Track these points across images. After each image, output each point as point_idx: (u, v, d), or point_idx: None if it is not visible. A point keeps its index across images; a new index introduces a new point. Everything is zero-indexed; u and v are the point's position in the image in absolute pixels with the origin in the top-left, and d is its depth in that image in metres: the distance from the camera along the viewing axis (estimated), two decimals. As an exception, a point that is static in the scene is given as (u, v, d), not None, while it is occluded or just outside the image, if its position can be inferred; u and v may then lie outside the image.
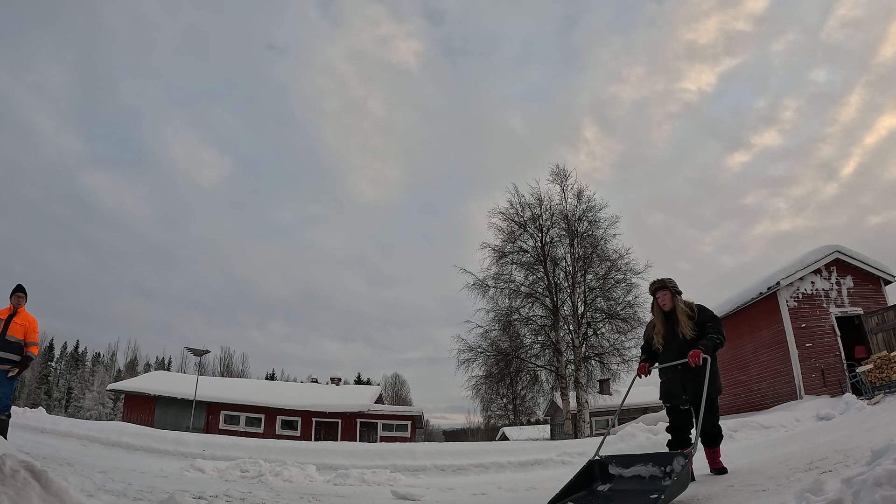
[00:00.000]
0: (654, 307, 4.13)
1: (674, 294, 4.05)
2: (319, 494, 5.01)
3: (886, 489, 1.96)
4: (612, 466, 3.57)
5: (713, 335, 3.77)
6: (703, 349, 3.68)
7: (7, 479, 2.04)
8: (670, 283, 4.11)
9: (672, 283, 4.14)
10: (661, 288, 4.09)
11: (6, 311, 5.76)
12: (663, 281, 4.12)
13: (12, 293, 5.89)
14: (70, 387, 50.71)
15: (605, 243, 19.90)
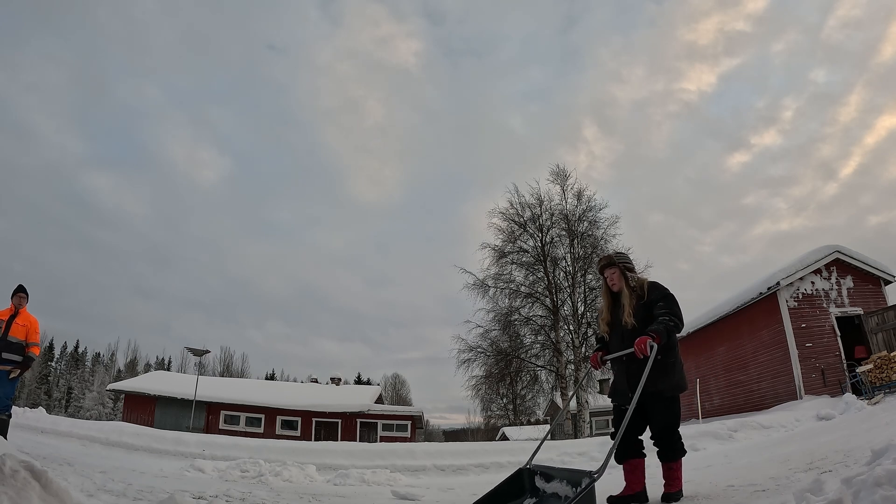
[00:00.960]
0: (603, 288, 3.53)
1: (623, 272, 3.39)
2: (319, 494, 5.01)
3: (886, 489, 1.96)
4: (537, 478, 3.15)
5: (665, 318, 3.03)
6: (652, 335, 2.96)
7: (7, 479, 2.04)
8: (620, 259, 3.47)
9: (623, 258, 3.51)
10: (609, 265, 3.45)
11: (7, 312, 5.74)
12: (610, 257, 3.50)
13: (14, 293, 5.87)
14: (70, 387, 50.71)
15: (606, 243, 19.89)
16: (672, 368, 3.13)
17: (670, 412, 3.15)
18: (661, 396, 3.09)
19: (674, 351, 3.16)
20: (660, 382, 3.06)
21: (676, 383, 3.16)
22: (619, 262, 3.43)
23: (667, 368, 3.08)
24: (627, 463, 3.26)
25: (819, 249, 12.47)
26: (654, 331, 2.97)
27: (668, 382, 3.10)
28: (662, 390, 3.08)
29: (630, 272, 3.42)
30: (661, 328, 2.99)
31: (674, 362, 3.15)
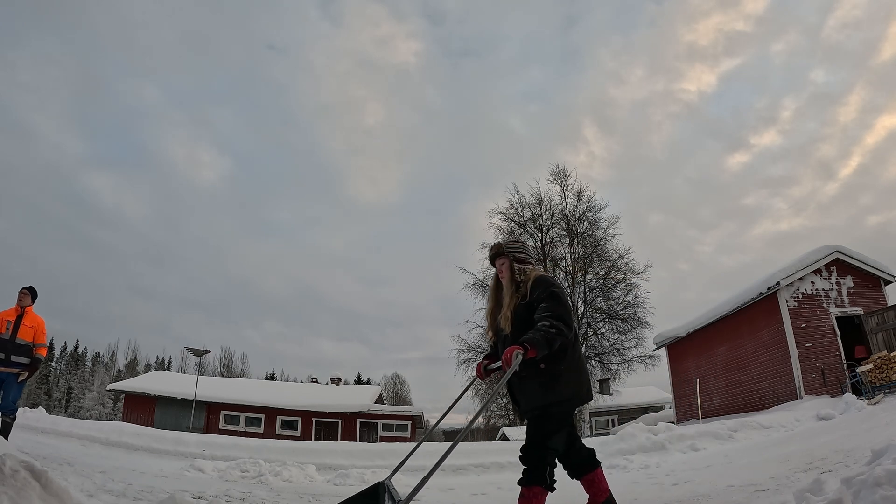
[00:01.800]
0: (492, 283, 3.03)
1: (513, 264, 2.86)
2: (319, 494, 5.01)
3: (886, 489, 1.97)
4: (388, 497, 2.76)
5: (545, 324, 2.49)
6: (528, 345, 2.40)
7: (7, 479, 2.04)
8: (511, 248, 2.92)
9: (516, 247, 2.96)
10: (499, 255, 2.91)
11: (13, 312, 5.64)
12: (500, 245, 2.95)
13: (20, 291, 5.77)
14: (70, 387, 50.72)
15: (605, 243, 19.90)
16: (559, 378, 2.58)
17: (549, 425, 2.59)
18: (549, 411, 2.57)
19: (564, 357, 2.61)
20: (548, 395, 2.56)
21: (566, 396, 2.59)
22: (509, 251, 2.90)
23: (554, 379, 2.57)
24: (584, 479, 2.85)
25: (819, 249, 12.47)
26: (528, 340, 2.42)
27: (556, 395, 2.56)
28: (550, 404, 2.56)
29: (520, 263, 2.88)
30: (536, 337, 2.43)
31: (563, 371, 2.60)
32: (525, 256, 2.91)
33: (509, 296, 2.77)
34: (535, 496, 2.51)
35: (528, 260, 2.91)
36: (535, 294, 2.66)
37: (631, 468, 6.48)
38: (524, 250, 2.95)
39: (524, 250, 2.95)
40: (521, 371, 2.52)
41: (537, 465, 2.53)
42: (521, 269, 2.84)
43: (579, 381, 2.67)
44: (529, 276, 2.79)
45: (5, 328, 5.48)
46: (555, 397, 2.56)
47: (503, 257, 2.89)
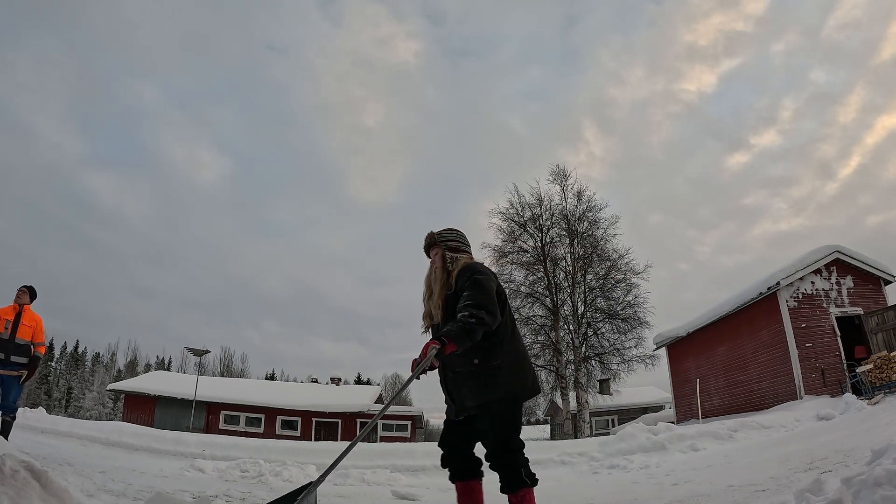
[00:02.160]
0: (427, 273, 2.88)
1: (446, 253, 2.74)
2: (319, 494, 5.00)
3: (886, 489, 1.97)
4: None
5: (465, 314, 2.35)
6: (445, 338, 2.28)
7: (7, 479, 2.04)
8: (444, 237, 2.79)
9: (448, 235, 2.81)
10: (432, 245, 2.79)
11: (11, 311, 5.58)
12: (432, 234, 2.82)
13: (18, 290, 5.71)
14: (70, 387, 50.71)
15: (605, 243, 19.92)
16: (496, 374, 2.45)
17: (499, 427, 2.46)
18: (489, 409, 2.44)
19: (500, 351, 2.49)
20: (486, 393, 2.44)
21: (506, 392, 2.46)
22: (442, 241, 2.77)
23: (490, 375, 2.45)
24: (461, 484, 2.64)
25: (819, 249, 12.47)
26: (446, 334, 2.30)
27: (494, 392, 2.44)
28: (488, 402, 2.43)
29: (453, 252, 2.74)
30: (454, 330, 2.30)
31: (500, 365, 2.47)
32: (458, 245, 2.79)
33: (440, 285, 2.65)
34: (523, 498, 2.43)
35: (461, 248, 2.79)
36: (461, 283, 2.54)
37: (631, 468, 6.48)
38: (457, 238, 2.82)
39: (457, 238, 2.82)
40: (455, 366, 2.48)
41: (513, 469, 2.44)
42: (452, 258, 2.72)
43: (519, 376, 2.53)
44: (459, 264, 2.67)
45: (4, 327, 5.44)
46: (491, 395, 2.43)
47: (436, 247, 2.77)
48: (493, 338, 2.47)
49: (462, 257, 2.74)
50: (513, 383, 2.49)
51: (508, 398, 2.47)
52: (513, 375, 2.50)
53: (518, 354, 2.59)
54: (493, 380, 2.45)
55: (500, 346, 2.50)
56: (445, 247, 2.75)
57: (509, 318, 2.60)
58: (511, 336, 2.58)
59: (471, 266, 2.62)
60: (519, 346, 2.63)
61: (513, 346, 2.57)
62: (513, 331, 2.61)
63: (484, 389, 2.44)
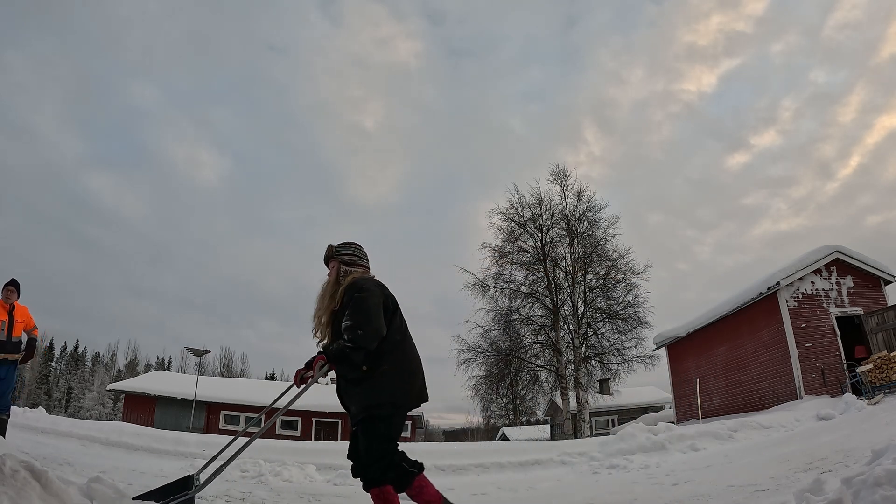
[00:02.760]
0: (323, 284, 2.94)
1: (341, 267, 2.80)
2: (319, 494, 5.02)
3: (886, 489, 1.97)
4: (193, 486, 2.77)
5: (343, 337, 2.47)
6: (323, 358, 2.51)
7: (7, 479, 2.04)
8: (340, 251, 2.85)
9: (346, 249, 2.87)
10: (329, 258, 2.86)
11: (3, 311, 5.54)
12: (331, 248, 2.88)
13: (4, 287, 5.65)
14: (70, 387, 50.71)
15: (605, 243, 19.92)
16: (380, 381, 2.52)
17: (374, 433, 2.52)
18: (368, 415, 2.52)
19: (385, 359, 2.55)
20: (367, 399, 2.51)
21: (386, 399, 2.52)
22: (338, 254, 2.82)
23: (374, 382, 2.52)
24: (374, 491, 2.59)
25: (819, 249, 12.47)
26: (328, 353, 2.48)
27: (375, 398, 2.50)
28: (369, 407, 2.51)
29: (348, 266, 2.80)
30: (334, 351, 2.45)
31: (385, 373, 2.54)
32: (354, 259, 2.84)
33: (327, 299, 2.72)
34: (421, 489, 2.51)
35: (356, 263, 2.84)
36: (345, 300, 2.61)
37: (631, 468, 6.48)
38: (354, 253, 2.87)
39: (354, 253, 2.87)
40: (346, 374, 2.57)
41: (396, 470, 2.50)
42: (345, 272, 2.77)
43: (403, 384, 2.58)
44: (348, 279, 2.71)
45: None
46: (372, 401, 2.49)
47: (333, 260, 2.83)
48: (383, 345, 2.53)
49: (355, 272, 2.77)
50: (395, 391, 2.54)
51: (387, 405, 2.51)
52: (396, 383, 2.55)
53: (405, 363, 2.63)
54: (376, 387, 2.50)
55: (386, 354, 2.55)
56: (341, 261, 2.80)
57: (398, 327, 2.66)
58: (399, 344, 2.63)
59: (356, 282, 2.65)
60: (407, 355, 2.67)
61: (400, 354, 2.62)
62: (402, 339, 2.66)
63: (366, 396, 2.50)
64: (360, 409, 2.53)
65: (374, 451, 2.50)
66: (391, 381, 2.54)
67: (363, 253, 2.92)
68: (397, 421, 2.58)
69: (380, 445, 2.51)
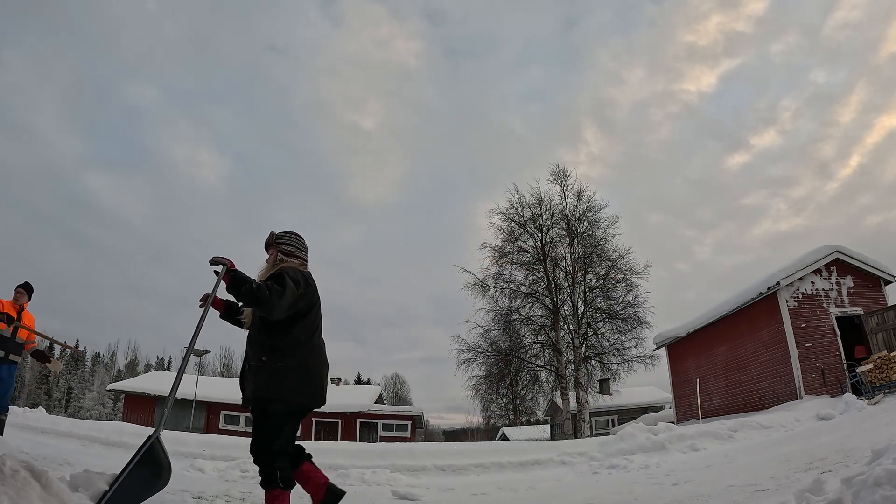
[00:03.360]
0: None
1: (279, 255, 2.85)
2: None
3: (886, 489, 1.97)
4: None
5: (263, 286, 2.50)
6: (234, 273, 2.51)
7: (7, 479, 2.04)
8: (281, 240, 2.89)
9: (286, 239, 2.90)
10: (269, 245, 2.90)
11: (13, 308, 5.53)
12: (272, 234, 2.92)
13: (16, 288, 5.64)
14: (70, 387, 50.69)
15: (605, 243, 19.91)
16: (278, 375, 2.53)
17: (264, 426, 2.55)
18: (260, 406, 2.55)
19: (288, 355, 2.56)
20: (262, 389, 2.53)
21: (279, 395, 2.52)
22: (278, 243, 2.87)
23: (272, 374, 2.53)
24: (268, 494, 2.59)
25: (819, 249, 12.47)
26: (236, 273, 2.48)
27: (269, 392, 2.51)
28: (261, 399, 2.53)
29: (286, 256, 2.84)
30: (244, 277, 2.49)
31: (285, 368, 2.54)
32: (292, 250, 2.88)
33: None
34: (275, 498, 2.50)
35: (294, 254, 2.87)
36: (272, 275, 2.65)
37: (631, 468, 6.48)
38: (294, 244, 2.90)
39: (294, 244, 2.90)
40: (250, 360, 2.62)
41: (269, 469, 2.51)
42: (281, 260, 2.81)
43: (300, 385, 2.57)
44: (282, 266, 2.74)
45: (6, 324, 5.45)
46: (266, 393, 2.51)
47: (273, 248, 2.87)
48: (285, 340, 2.56)
49: (291, 262, 2.80)
50: (290, 389, 2.54)
51: (278, 401, 2.52)
52: (291, 381, 2.55)
53: (307, 364, 2.63)
54: (273, 380, 2.51)
55: (290, 350, 2.57)
56: (280, 249, 2.84)
57: (307, 326, 2.67)
58: (303, 344, 2.63)
59: (288, 268, 2.68)
60: (312, 356, 2.68)
61: (305, 354, 2.63)
62: (309, 340, 2.67)
63: (262, 386, 2.52)
64: (252, 397, 2.56)
65: (266, 451, 2.52)
66: (286, 378, 2.54)
67: (303, 245, 2.94)
68: (288, 420, 2.59)
69: (270, 445, 2.53)
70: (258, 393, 2.53)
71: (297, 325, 2.61)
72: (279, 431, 2.55)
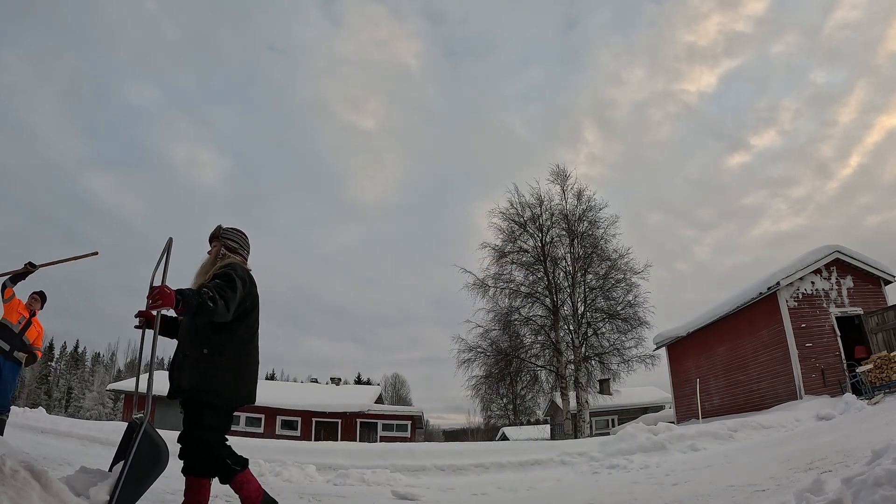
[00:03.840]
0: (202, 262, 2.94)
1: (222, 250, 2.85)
2: (319, 494, 5.01)
3: (886, 489, 1.97)
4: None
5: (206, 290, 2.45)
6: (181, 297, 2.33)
7: (7, 479, 2.04)
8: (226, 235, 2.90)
9: (231, 234, 2.91)
10: (214, 238, 2.90)
11: (26, 309, 5.61)
12: (218, 228, 2.91)
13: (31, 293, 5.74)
14: (70, 387, 50.69)
15: (605, 243, 19.91)
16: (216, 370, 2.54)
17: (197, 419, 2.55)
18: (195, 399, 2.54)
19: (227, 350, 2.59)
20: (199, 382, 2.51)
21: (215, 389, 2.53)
22: (223, 237, 2.87)
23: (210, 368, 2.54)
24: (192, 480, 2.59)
25: (819, 249, 12.47)
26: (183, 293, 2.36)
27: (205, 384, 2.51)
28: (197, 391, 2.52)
29: (230, 252, 2.85)
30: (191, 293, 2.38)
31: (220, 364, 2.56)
32: (236, 246, 2.90)
33: (201, 278, 2.73)
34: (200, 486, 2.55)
35: (237, 250, 2.89)
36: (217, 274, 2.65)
37: (631, 468, 6.47)
38: (238, 241, 2.92)
39: (238, 241, 2.92)
40: (186, 349, 2.61)
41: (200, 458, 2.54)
42: (224, 255, 2.82)
43: (235, 382, 2.62)
44: (225, 262, 2.76)
45: (18, 320, 5.49)
46: (206, 386, 2.52)
47: (216, 241, 2.88)
48: (226, 336, 2.59)
49: (234, 258, 2.82)
50: (228, 385, 2.59)
51: (219, 395, 2.56)
52: (231, 377, 2.60)
53: (244, 363, 2.69)
54: (209, 373, 2.53)
55: (229, 347, 2.60)
56: (223, 244, 2.86)
57: (249, 326, 2.71)
58: (245, 344, 2.69)
59: (234, 265, 2.70)
60: (250, 356, 2.73)
61: (243, 352, 2.67)
62: (250, 339, 2.73)
63: (199, 378, 2.52)
64: (190, 389, 2.54)
65: (202, 442, 2.54)
66: (227, 374, 2.58)
67: (247, 243, 2.98)
68: (225, 414, 2.64)
69: (208, 436, 2.56)
70: (200, 385, 2.52)
71: (242, 323, 2.65)
72: (213, 424, 2.58)
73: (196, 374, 2.54)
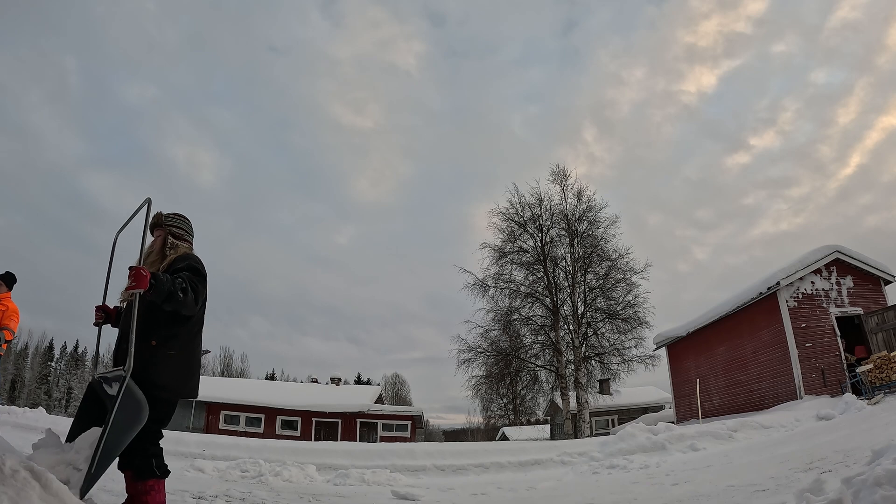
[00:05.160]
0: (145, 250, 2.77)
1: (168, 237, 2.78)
2: (319, 494, 5.01)
3: (886, 489, 1.97)
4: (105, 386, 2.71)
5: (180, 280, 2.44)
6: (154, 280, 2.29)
7: (7, 479, 2.04)
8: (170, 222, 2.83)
9: (175, 221, 2.85)
10: (157, 225, 2.80)
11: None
12: (160, 215, 2.82)
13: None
14: (70, 387, 50.69)
15: (605, 243, 19.92)
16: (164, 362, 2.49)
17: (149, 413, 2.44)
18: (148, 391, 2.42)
19: (177, 343, 2.54)
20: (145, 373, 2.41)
21: (162, 382, 2.46)
22: (167, 224, 2.80)
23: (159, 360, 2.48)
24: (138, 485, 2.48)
25: (819, 249, 12.47)
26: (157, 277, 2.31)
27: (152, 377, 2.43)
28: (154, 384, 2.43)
29: (175, 238, 2.79)
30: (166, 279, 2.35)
31: (173, 356, 2.52)
32: (182, 233, 2.86)
33: (150, 268, 2.61)
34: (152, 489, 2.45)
35: (183, 237, 2.85)
36: (180, 266, 2.58)
37: (631, 468, 6.48)
38: (183, 227, 2.88)
39: (183, 227, 2.88)
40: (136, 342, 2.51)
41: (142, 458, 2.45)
42: (173, 244, 2.77)
43: (182, 375, 2.59)
44: (179, 251, 2.73)
45: None
46: (156, 380, 2.45)
47: (160, 229, 2.80)
48: (178, 329, 2.56)
49: (183, 245, 2.79)
50: (177, 378, 2.56)
51: (169, 389, 2.53)
52: (180, 371, 2.57)
53: (191, 356, 2.66)
54: (158, 366, 2.48)
55: (181, 340, 2.57)
56: (169, 231, 2.80)
57: (199, 319, 2.69)
58: (194, 336, 2.68)
59: (193, 255, 2.69)
60: (196, 349, 2.72)
61: (191, 346, 2.65)
62: (197, 332, 2.70)
63: (151, 372, 2.45)
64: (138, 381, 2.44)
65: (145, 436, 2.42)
66: (177, 367, 2.55)
67: (191, 229, 2.94)
68: (167, 408, 2.58)
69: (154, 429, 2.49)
70: (149, 378, 2.44)
71: (194, 315, 2.61)
72: (158, 417, 2.50)
73: (146, 369, 2.44)
